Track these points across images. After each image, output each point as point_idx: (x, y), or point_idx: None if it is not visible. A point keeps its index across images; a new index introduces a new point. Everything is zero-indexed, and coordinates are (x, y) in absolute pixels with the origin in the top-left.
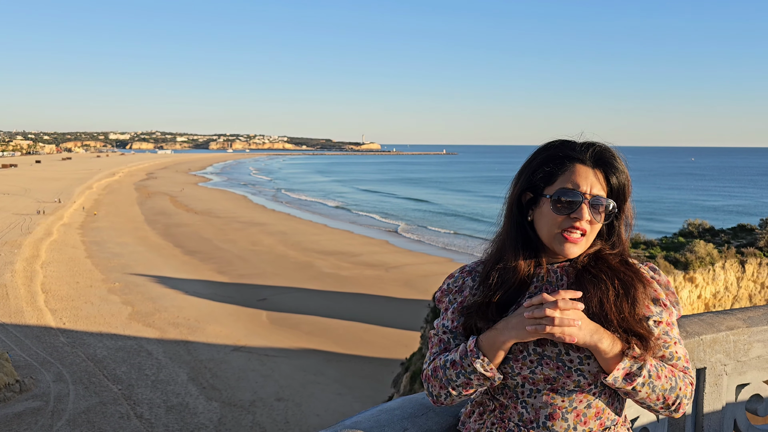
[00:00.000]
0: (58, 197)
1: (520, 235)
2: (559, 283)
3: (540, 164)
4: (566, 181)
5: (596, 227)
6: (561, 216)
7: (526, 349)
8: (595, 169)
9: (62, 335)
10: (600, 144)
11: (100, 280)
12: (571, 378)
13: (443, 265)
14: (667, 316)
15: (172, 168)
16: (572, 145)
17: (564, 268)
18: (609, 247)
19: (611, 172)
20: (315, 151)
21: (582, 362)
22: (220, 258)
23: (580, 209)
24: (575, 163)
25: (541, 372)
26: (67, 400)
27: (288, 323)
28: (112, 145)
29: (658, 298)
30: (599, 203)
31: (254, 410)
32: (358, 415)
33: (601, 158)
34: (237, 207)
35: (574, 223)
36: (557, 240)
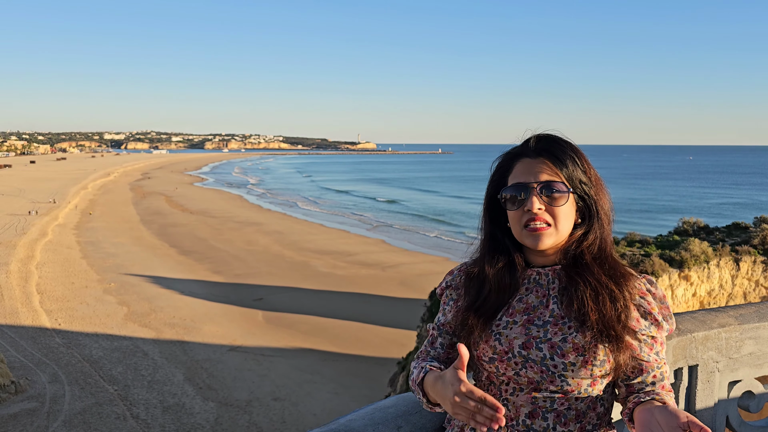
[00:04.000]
0: (53, 197)
1: (490, 243)
2: (550, 286)
3: (494, 172)
4: (513, 178)
5: (562, 216)
6: (518, 212)
7: (511, 350)
8: (539, 158)
9: (57, 336)
10: (541, 133)
11: (95, 280)
12: (555, 383)
13: (439, 264)
14: (655, 330)
15: (167, 168)
16: (517, 145)
17: (556, 271)
18: (585, 241)
19: (556, 158)
20: (311, 151)
21: (566, 368)
22: (216, 258)
23: (528, 199)
24: (519, 159)
25: (526, 375)
26: (63, 401)
27: (284, 323)
28: (107, 145)
29: (651, 312)
30: (550, 188)
31: (251, 410)
32: (352, 414)
33: (541, 146)
34: (232, 207)
35: (531, 216)
36: (525, 236)
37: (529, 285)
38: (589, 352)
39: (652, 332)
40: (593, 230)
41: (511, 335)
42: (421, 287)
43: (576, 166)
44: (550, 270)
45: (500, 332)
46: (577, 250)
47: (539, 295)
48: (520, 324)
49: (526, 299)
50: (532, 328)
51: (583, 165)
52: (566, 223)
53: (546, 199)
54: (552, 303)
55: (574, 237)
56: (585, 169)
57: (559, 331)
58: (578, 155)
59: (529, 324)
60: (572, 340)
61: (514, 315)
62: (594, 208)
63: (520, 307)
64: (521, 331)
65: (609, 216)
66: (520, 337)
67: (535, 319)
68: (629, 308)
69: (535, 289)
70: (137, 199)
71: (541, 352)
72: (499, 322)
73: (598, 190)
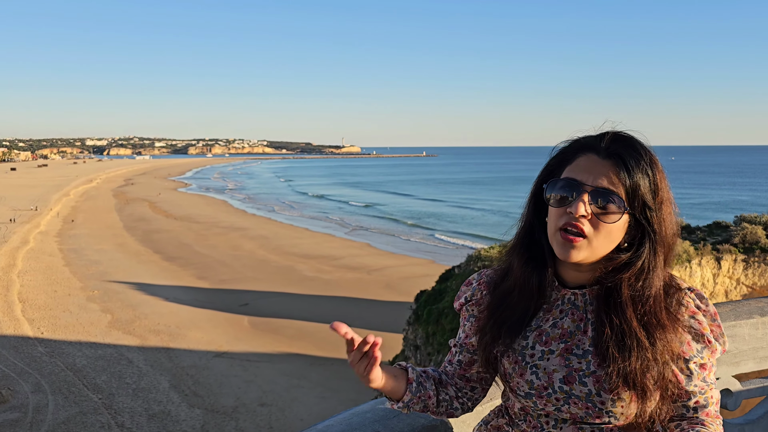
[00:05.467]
0: (35, 205)
1: (526, 235)
2: (587, 308)
3: (554, 156)
4: (570, 171)
5: (605, 232)
6: (558, 211)
7: (551, 386)
8: (607, 160)
9: (40, 345)
10: (621, 132)
11: (78, 288)
12: (602, 419)
13: (425, 267)
14: (709, 354)
15: (150, 173)
16: (589, 136)
17: (594, 291)
18: (627, 272)
19: (623, 166)
20: (295, 155)
21: (615, 404)
22: (201, 263)
23: (575, 202)
24: (586, 153)
25: (568, 411)
26: (46, 410)
27: (270, 328)
28: (89, 152)
29: (703, 333)
30: (605, 198)
31: (237, 416)
32: (330, 419)
33: (615, 148)
34: (217, 212)
35: (571, 219)
36: (556, 240)
37: (564, 306)
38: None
39: (704, 357)
40: (640, 260)
41: (550, 367)
42: (406, 290)
43: (646, 183)
44: (588, 291)
45: (536, 364)
46: (614, 279)
47: (576, 318)
48: (558, 353)
49: (561, 323)
50: (572, 358)
51: (654, 184)
52: (605, 242)
53: (595, 208)
54: (591, 329)
55: (615, 262)
56: (655, 189)
57: (603, 362)
58: (654, 171)
59: (568, 354)
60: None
61: (549, 343)
62: (650, 235)
63: (556, 334)
64: (560, 363)
65: (669, 248)
66: (560, 369)
67: (573, 348)
68: (662, 363)
69: (571, 311)
70: (120, 205)
71: (585, 387)
72: (533, 351)
73: (663, 216)
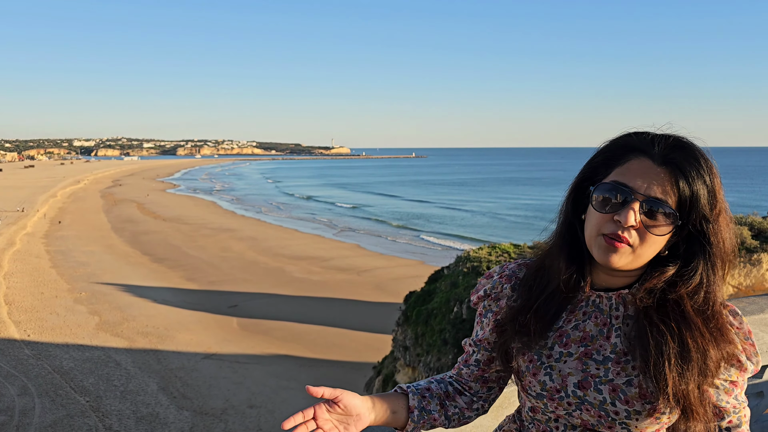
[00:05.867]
0: (21, 206)
1: (569, 234)
2: (613, 313)
3: (601, 152)
4: (619, 175)
5: (650, 242)
6: (603, 216)
7: (564, 389)
8: (663, 167)
9: (27, 347)
10: (677, 137)
11: (65, 290)
12: (614, 429)
13: (414, 268)
14: (738, 373)
15: (138, 174)
16: (644, 135)
17: (622, 296)
18: (685, 286)
19: (681, 175)
20: (284, 156)
21: (629, 416)
22: (190, 265)
23: (625, 211)
24: (637, 156)
25: (579, 416)
26: (33, 413)
27: (259, 329)
28: (77, 152)
29: (734, 353)
30: (657, 208)
31: (226, 418)
32: None
33: (671, 155)
34: (206, 213)
35: (617, 228)
36: (597, 244)
37: (587, 309)
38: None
39: (733, 376)
40: (698, 273)
41: (565, 370)
42: (396, 291)
43: (704, 194)
44: (614, 294)
45: (552, 365)
46: (672, 293)
47: (599, 322)
48: (576, 357)
49: (584, 326)
50: (590, 363)
51: (712, 195)
52: (649, 252)
53: (645, 218)
54: (614, 335)
55: (665, 274)
56: (714, 200)
57: (622, 371)
58: (713, 180)
59: (587, 358)
60: (639, 384)
61: (568, 345)
62: (707, 248)
63: (576, 336)
64: (577, 366)
65: (727, 261)
66: (576, 373)
67: (593, 353)
68: (713, 381)
69: (595, 314)
70: (108, 206)
71: (600, 394)
72: (551, 352)
73: (719, 228)
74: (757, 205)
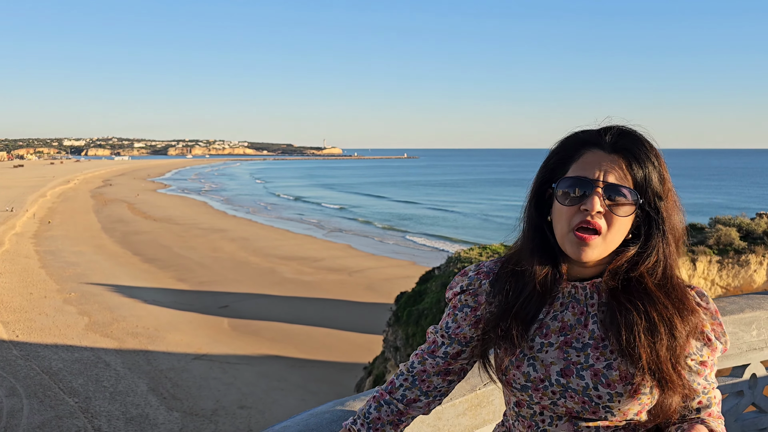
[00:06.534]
0: (10, 206)
1: (537, 236)
2: (588, 302)
3: (555, 152)
4: (577, 169)
5: (617, 227)
6: (570, 210)
7: (548, 378)
8: (614, 154)
9: (15, 348)
10: (625, 127)
11: (54, 290)
12: (598, 414)
13: (406, 268)
14: (709, 352)
15: (129, 174)
16: (591, 130)
17: (595, 284)
18: (645, 263)
19: (633, 159)
20: (276, 156)
21: (612, 399)
22: (180, 265)
23: (589, 199)
24: (590, 149)
25: (564, 405)
26: (21, 415)
27: (250, 330)
28: (67, 152)
29: (703, 330)
30: (618, 193)
31: (216, 419)
32: (288, 420)
33: (619, 142)
34: (197, 213)
35: (586, 217)
36: (569, 240)
37: (564, 300)
38: (639, 381)
39: (704, 356)
40: (656, 250)
41: (548, 360)
42: (387, 291)
43: (655, 174)
44: (588, 283)
45: (534, 356)
46: (634, 272)
47: (576, 312)
48: (557, 346)
49: (562, 317)
50: (570, 351)
51: (661, 174)
52: (618, 236)
53: (608, 203)
54: (591, 322)
55: (625, 255)
56: (662, 179)
57: (601, 355)
58: (659, 163)
59: (567, 347)
60: (618, 367)
61: (548, 336)
62: (660, 225)
63: (556, 327)
64: (559, 355)
65: (679, 236)
66: (557, 362)
67: (573, 341)
68: (686, 347)
69: (572, 304)
70: (98, 206)
71: (583, 380)
72: (532, 344)
73: (670, 205)
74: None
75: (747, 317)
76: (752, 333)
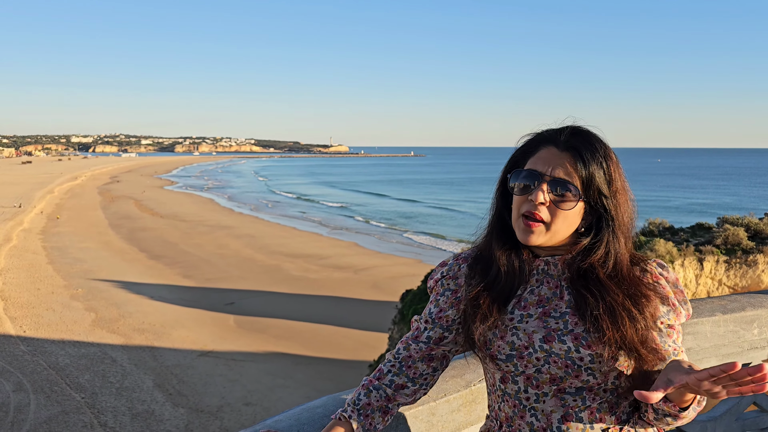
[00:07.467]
0: (18, 202)
1: (498, 221)
2: (561, 277)
3: (519, 147)
4: (531, 163)
5: (561, 218)
6: (519, 199)
7: (531, 345)
8: (565, 152)
9: (22, 343)
10: (577, 127)
11: (62, 286)
12: (580, 378)
13: (412, 267)
14: (674, 317)
15: (136, 171)
16: (551, 129)
17: (566, 260)
18: (594, 255)
19: (579, 158)
20: (282, 154)
21: (593, 360)
22: (186, 262)
23: (536, 191)
24: (546, 145)
25: (548, 371)
26: (28, 410)
27: (256, 327)
28: (75, 149)
29: (667, 296)
30: (563, 187)
31: (222, 416)
32: (280, 414)
33: (571, 141)
34: (203, 210)
35: (532, 207)
36: (518, 226)
37: (539, 276)
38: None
39: (671, 320)
40: (604, 244)
41: (529, 329)
42: (392, 290)
43: (601, 174)
44: (559, 259)
45: (516, 326)
46: (584, 263)
47: (551, 286)
48: (536, 317)
49: (538, 291)
50: (549, 320)
51: (609, 174)
52: (563, 228)
53: (553, 196)
54: (566, 294)
55: (578, 246)
56: (610, 179)
57: (579, 321)
58: (608, 162)
59: (546, 316)
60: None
61: (527, 308)
62: (608, 221)
63: (533, 300)
64: (539, 324)
65: (628, 231)
66: (539, 330)
67: (551, 311)
68: (651, 330)
69: (546, 280)
70: (105, 203)
71: (564, 344)
72: (512, 316)
73: (619, 203)
74: (753, 207)
75: (748, 315)
76: (753, 332)
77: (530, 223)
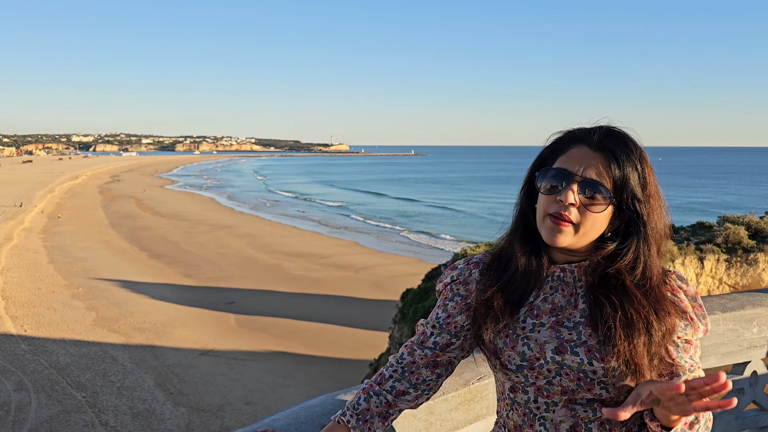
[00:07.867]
0: (19, 201)
1: (523, 220)
2: (577, 284)
3: (549, 145)
4: (561, 162)
5: (591, 221)
6: (548, 198)
7: (543, 356)
8: (598, 153)
9: (23, 343)
10: (612, 128)
11: (62, 285)
12: (593, 391)
13: (413, 266)
14: (692, 332)
15: (137, 170)
16: (583, 128)
17: (584, 268)
18: (622, 261)
19: (613, 159)
20: (283, 153)
21: (606, 374)
22: (187, 261)
23: (565, 191)
24: (577, 145)
25: (559, 383)
26: (29, 409)
27: (256, 326)
28: (75, 148)
29: (685, 311)
30: (594, 188)
31: (223, 415)
32: (278, 413)
33: (604, 142)
34: (204, 209)
35: (560, 207)
36: (544, 225)
37: (554, 283)
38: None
39: (688, 334)
40: (633, 250)
41: (541, 339)
42: (393, 289)
43: (635, 177)
44: (576, 267)
45: (527, 336)
46: (610, 268)
47: (566, 294)
48: (548, 326)
49: (552, 299)
50: (562, 330)
51: (643, 178)
52: (591, 231)
53: (583, 198)
54: (581, 302)
55: (603, 251)
56: (644, 183)
57: (593, 332)
58: (643, 165)
59: (559, 326)
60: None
61: (540, 317)
62: (640, 227)
63: (546, 308)
64: (551, 334)
65: (660, 239)
66: (551, 341)
67: (564, 321)
68: (662, 348)
69: (561, 287)
70: (106, 202)
71: (577, 356)
72: (524, 324)
73: (653, 208)
74: (754, 206)
75: (748, 314)
76: (753, 330)
77: (560, 222)
